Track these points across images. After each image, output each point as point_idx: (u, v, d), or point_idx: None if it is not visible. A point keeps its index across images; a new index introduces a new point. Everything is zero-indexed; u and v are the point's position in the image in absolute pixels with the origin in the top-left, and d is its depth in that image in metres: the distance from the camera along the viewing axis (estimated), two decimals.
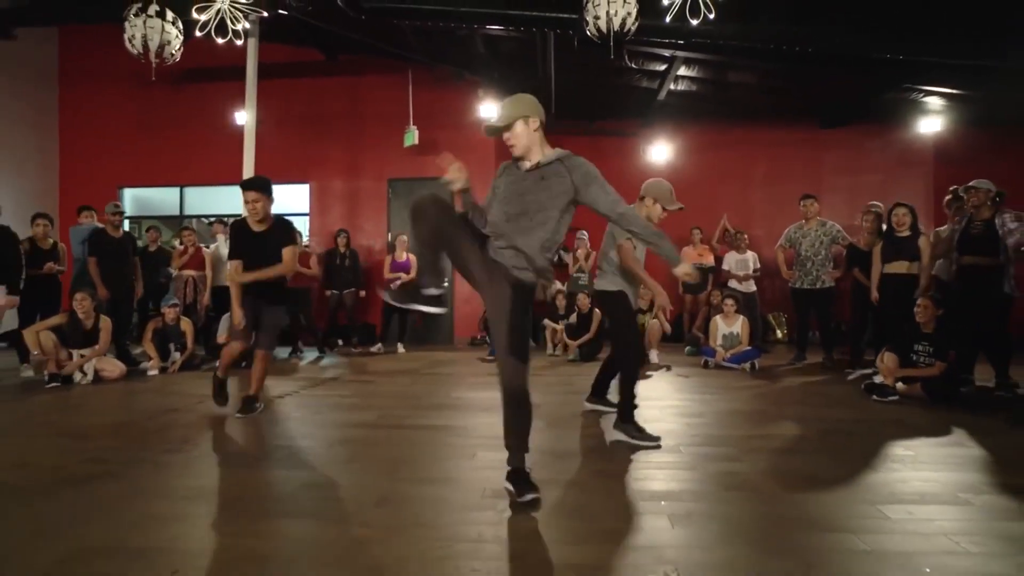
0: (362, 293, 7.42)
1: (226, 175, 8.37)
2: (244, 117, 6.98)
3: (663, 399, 4.25)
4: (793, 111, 8.57)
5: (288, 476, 2.60)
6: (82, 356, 5.11)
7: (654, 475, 2.61)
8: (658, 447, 3.01)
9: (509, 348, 2.18)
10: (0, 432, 3.45)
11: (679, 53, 6.62)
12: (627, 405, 3.17)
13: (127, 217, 9.14)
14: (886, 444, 3.07)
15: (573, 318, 6.90)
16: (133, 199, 9.32)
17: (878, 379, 4.47)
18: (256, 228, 3.69)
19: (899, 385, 4.22)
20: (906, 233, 4.89)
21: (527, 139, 2.28)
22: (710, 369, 5.72)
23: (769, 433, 3.35)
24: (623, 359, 3.33)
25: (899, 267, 4.86)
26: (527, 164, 2.31)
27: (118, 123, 9.01)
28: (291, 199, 9.04)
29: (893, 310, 4.80)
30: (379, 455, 2.95)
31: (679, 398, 4.36)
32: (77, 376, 5.02)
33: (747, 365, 5.65)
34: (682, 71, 7.32)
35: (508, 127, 2.28)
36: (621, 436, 3.13)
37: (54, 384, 4.83)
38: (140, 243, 7.02)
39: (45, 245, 5.65)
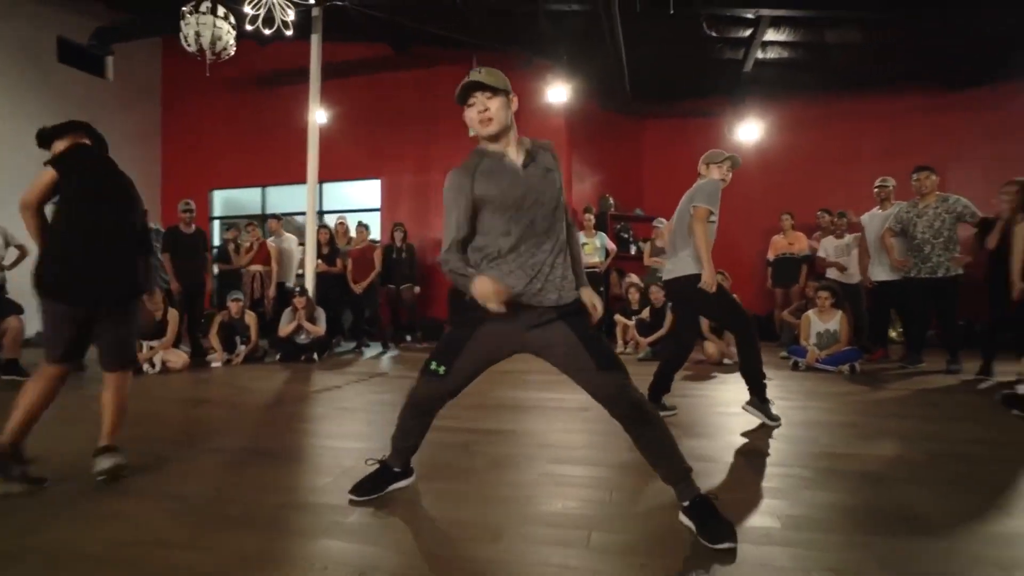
0: (416, 289, 7.25)
1: (304, 173, 8.60)
2: (320, 115, 7.07)
3: (734, 407, 3.61)
4: (909, 73, 7.35)
5: (254, 477, 2.37)
6: (151, 348, 5.33)
7: None
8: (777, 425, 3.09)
9: (600, 367, 1.79)
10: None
11: (764, 11, 5.82)
12: (759, 384, 3.13)
13: (218, 217, 9.73)
14: None
15: (646, 313, 6.32)
16: (222, 200, 9.85)
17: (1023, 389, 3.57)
18: None
19: None
20: None
21: (506, 119, 1.84)
22: (800, 371, 4.94)
23: (859, 452, 2.67)
24: (742, 343, 3.15)
25: None
26: (513, 153, 1.87)
27: (211, 129, 9.56)
28: (363, 195, 9.15)
29: None
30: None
31: None
32: (146, 367, 5.23)
33: (845, 368, 4.82)
34: (770, 35, 6.47)
35: (493, 92, 1.81)
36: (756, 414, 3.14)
37: None
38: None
39: None
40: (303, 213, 9.47)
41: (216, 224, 9.56)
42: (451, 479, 2.34)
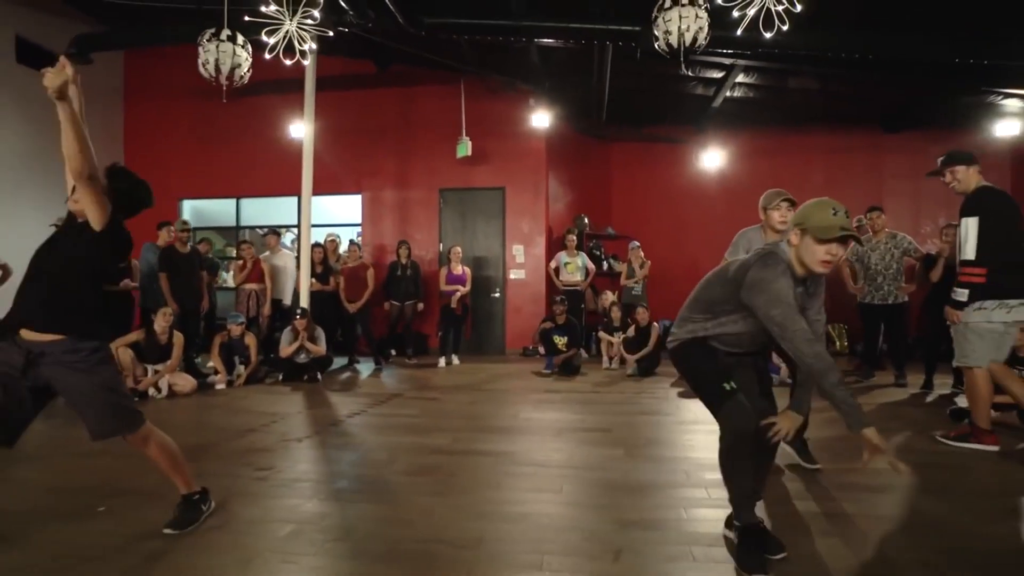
0: (420, 305, 7.44)
1: (280, 186, 8.57)
2: (301, 130, 7.11)
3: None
4: (853, 116, 8.28)
5: (376, 512, 2.61)
6: (156, 372, 5.28)
7: None
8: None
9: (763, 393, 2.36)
10: (84, 453, 3.27)
11: (740, 61, 6.45)
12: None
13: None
14: (1000, 484, 2.91)
15: (632, 331, 6.76)
16: (191, 210, 9.59)
17: (962, 402, 4.27)
18: None
19: (991, 412, 4.01)
20: None
21: None
22: (775, 387, 5.54)
23: (859, 467, 3.21)
24: None
25: None
26: None
27: (178, 138, 9.27)
28: (344, 210, 9.19)
29: None
30: (461, 486, 2.94)
31: None
32: (152, 392, 5.18)
33: None
34: (740, 78, 7.13)
35: None
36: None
37: None
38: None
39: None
40: (287, 226, 9.48)
41: None
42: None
